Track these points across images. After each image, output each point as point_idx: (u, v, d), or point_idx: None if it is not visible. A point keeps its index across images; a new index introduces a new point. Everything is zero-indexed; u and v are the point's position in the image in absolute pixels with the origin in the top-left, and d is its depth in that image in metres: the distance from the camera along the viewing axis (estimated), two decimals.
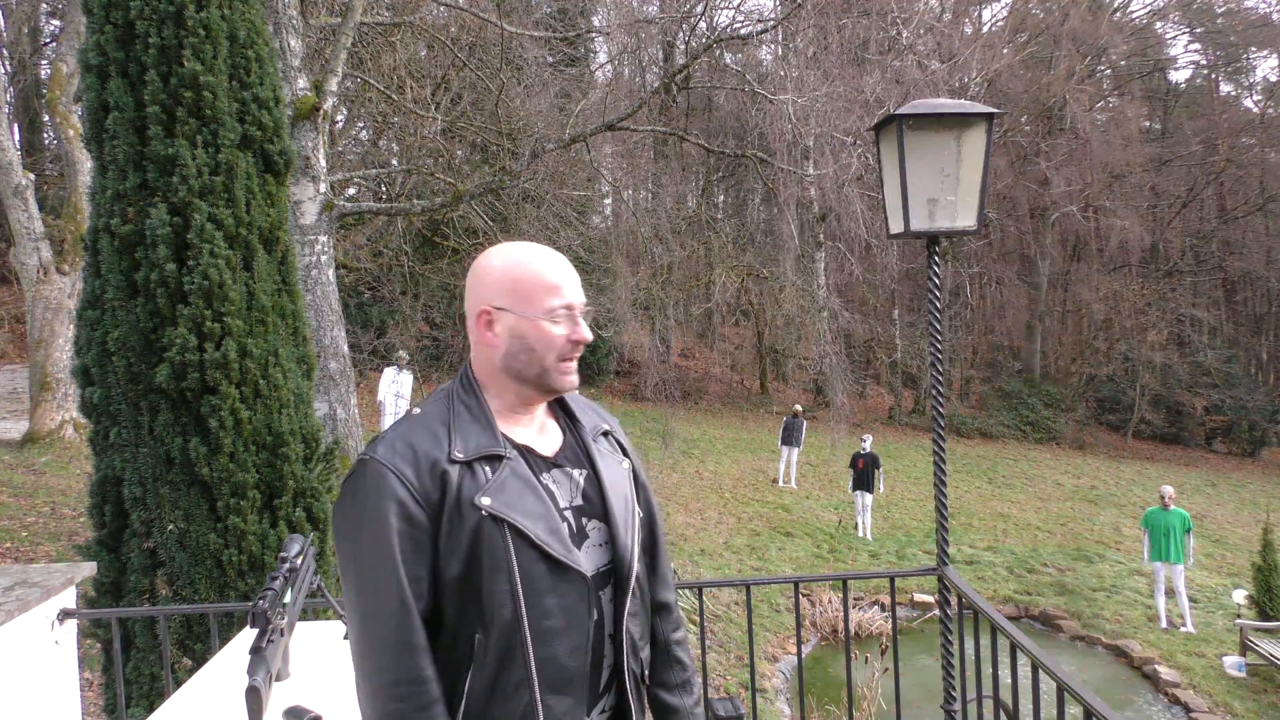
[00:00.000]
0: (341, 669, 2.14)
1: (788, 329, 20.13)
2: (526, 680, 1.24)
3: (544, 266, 1.35)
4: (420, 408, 1.34)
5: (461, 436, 1.29)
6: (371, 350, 14.70)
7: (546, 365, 1.35)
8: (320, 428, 4.03)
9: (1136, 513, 14.91)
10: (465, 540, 1.24)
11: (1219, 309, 30.51)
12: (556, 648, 1.27)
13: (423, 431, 1.29)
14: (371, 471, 1.24)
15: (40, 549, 6.97)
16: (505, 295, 1.33)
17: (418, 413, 1.33)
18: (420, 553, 1.23)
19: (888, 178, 3.03)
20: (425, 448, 1.26)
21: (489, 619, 1.24)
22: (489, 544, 1.24)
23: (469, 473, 1.27)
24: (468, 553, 1.24)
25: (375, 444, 1.28)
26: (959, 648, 2.99)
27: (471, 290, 1.37)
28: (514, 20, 11.07)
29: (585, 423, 1.48)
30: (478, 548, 1.24)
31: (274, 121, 3.83)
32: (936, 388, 3.11)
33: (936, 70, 17.43)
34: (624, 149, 16.26)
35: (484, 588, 1.24)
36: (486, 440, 1.31)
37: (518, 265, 1.34)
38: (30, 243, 9.77)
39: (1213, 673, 9.05)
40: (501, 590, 1.24)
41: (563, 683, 1.28)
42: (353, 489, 1.26)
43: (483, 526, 1.24)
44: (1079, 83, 25.84)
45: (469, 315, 1.38)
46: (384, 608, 1.21)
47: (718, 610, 9.51)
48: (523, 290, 1.33)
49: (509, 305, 1.33)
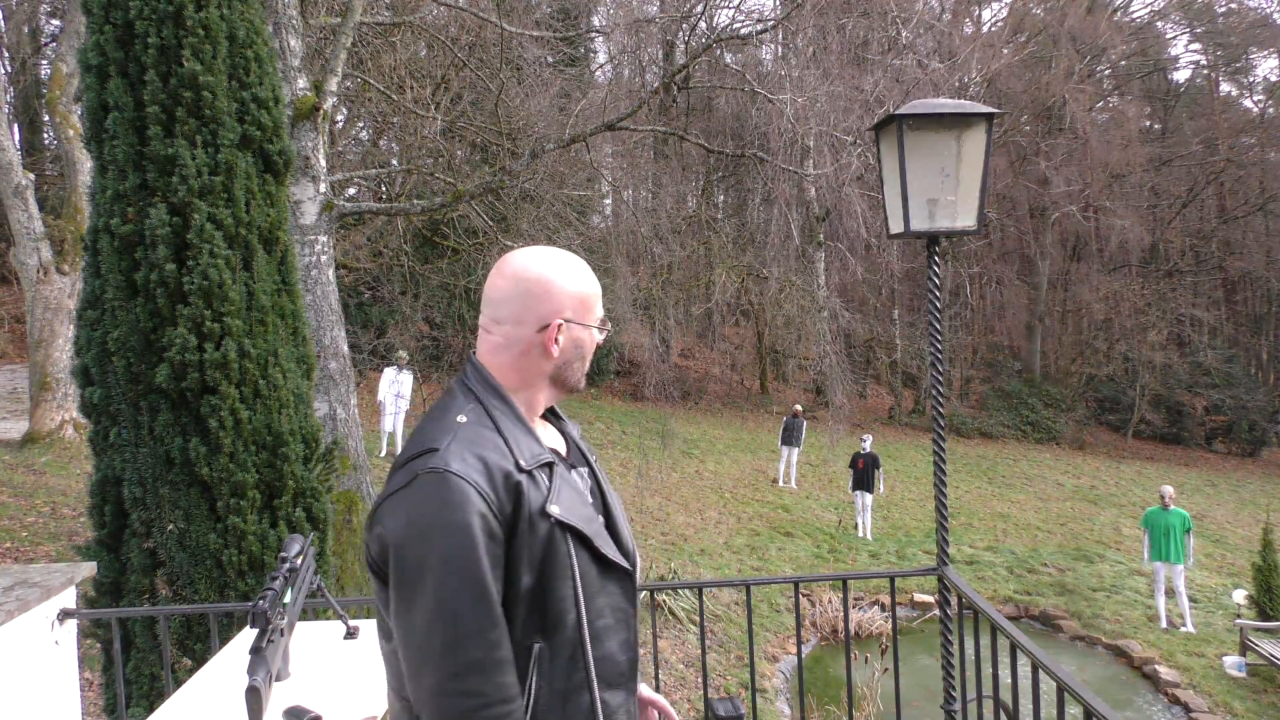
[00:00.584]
0: (341, 669, 2.14)
1: (788, 329, 20.12)
2: (586, 681, 1.26)
3: (592, 279, 1.41)
4: (466, 417, 1.28)
5: (518, 446, 1.27)
6: (371, 350, 14.70)
7: (586, 370, 1.43)
8: (320, 428, 4.03)
9: (1136, 513, 14.91)
10: (538, 551, 1.23)
11: (1219, 309, 30.50)
12: (610, 645, 1.30)
13: (485, 443, 1.25)
14: (452, 485, 1.17)
15: (40, 549, 6.97)
16: (573, 307, 1.36)
17: (465, 421, 1.27)
18: (498, 568, 1.20)
19: (888, 178, 3.03)
20: (495, 460, 1.23)
21: (552, 626, 1.24)
22: (557, 552, 1.24)
23: (533, 482, 1.25)
24: (540, 563, 1.23)
25: (441, 456, 1.20)
26: (959, 648, 2.99)
27: (532, 302, 1.34)
28: (514, 20, 11.06)
29: (569, 424, 1.51)
30: (549, 557, 1.23)
31: (274, 121, 3.83)
32: (936, 388, 3.11)
33: (936, 70, 17.42)
34: (624, 149, 16.27)
35: (550, 596, 1.23)
36: (538, 448, 1.30)
37: (579, 277, 1.38)
38: (30, 243, 9.77)
39: (1213, 673, 9.05)
40: (566, 597, 1.24)
41: (615, 677, 1.31)
42: (425, 503, 1.18)
43: (553, 535, 1.24)
44: (1079, 82, 25.84)
45: (522, 326, 1.34)
46: (475, 628, 1.16)
47: (718, 610, 9.51)
48: (586, 301, 1.38)
49: (574, 316, 1.36)
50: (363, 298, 16.48)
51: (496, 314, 1.36)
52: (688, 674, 7.99)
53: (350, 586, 5.65)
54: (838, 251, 21.45)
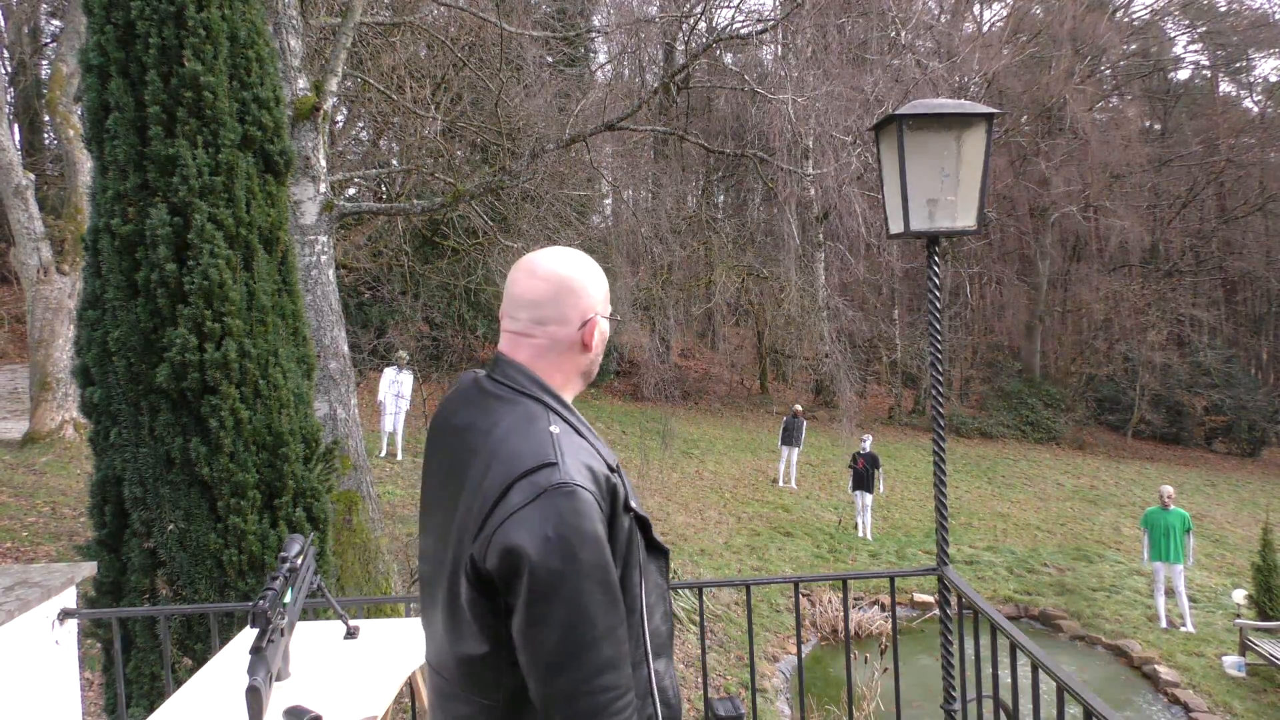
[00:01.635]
0: (341, 669, 2.14)
1: (788, 329, 20.14)
2: (644, 655, 1.35)
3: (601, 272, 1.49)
4: (555, 425, 1.32)
5: (599, 448, 1.36)
6: (371, 350, 14.69)
7: (601, 363, 1.51)
8: (320, 428, 4.03)
9: (1136, 513, 14.91)
10: (624, 544, 1.32)
11: (1219, 309, 30.50)
12: (656, 619, 1.40)
13: (584, 452, 1.31)
14: (582, 499, 1.23)
15: (40, 549, 6.97)
16: (603, 302, 1.46)
17: (557, 430, 1.31)
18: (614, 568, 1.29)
19: (888, 178, 3.03)
20: (597, 467, 1.30)
21: (628, 610, 1.33)
22: (633, 543, 1.34)
23: (621, 479, 1.34)
24: (625, 554, 1.32)
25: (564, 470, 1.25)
26: (959, 648, 2.99)
27: (573, 300, 1.40)
28: (514, 20, 11.06)
29: None
30: (629, 548, 1.33)
31: (274, 121, 3.83)
32: (936, 388, 3.11)
33: (936, 70, 17.42)
34: (624, 149, 16.26)
35: (627, 583, 1.33)
36: (607, 447, 1.39)
37: (600, 273, 1.47)
38: (30, 243, 9.77)
39: (1212, 673, 9.05)
40: (635, 582, 1.34)
41: (661, 647, 1.41)
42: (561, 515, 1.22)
43: (631, 528, 1.33)
44: (1079, 83, 25.84)
45: (565, 325, 1.40)
46: (606, 628, 1.23)
47: (718, 610, 9.51)
48: (608, 296, 1.48)
49: (603, 311, 1.46)
50: (363, 298, 16.48)
51: (539, 315, 1.39)
52: (688, 674, 7.99)
53: (350, 586, 5.65)
54: (838, 251, 21.45)
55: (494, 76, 10.38)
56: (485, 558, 1.23)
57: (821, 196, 19.03)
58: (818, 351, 19.10)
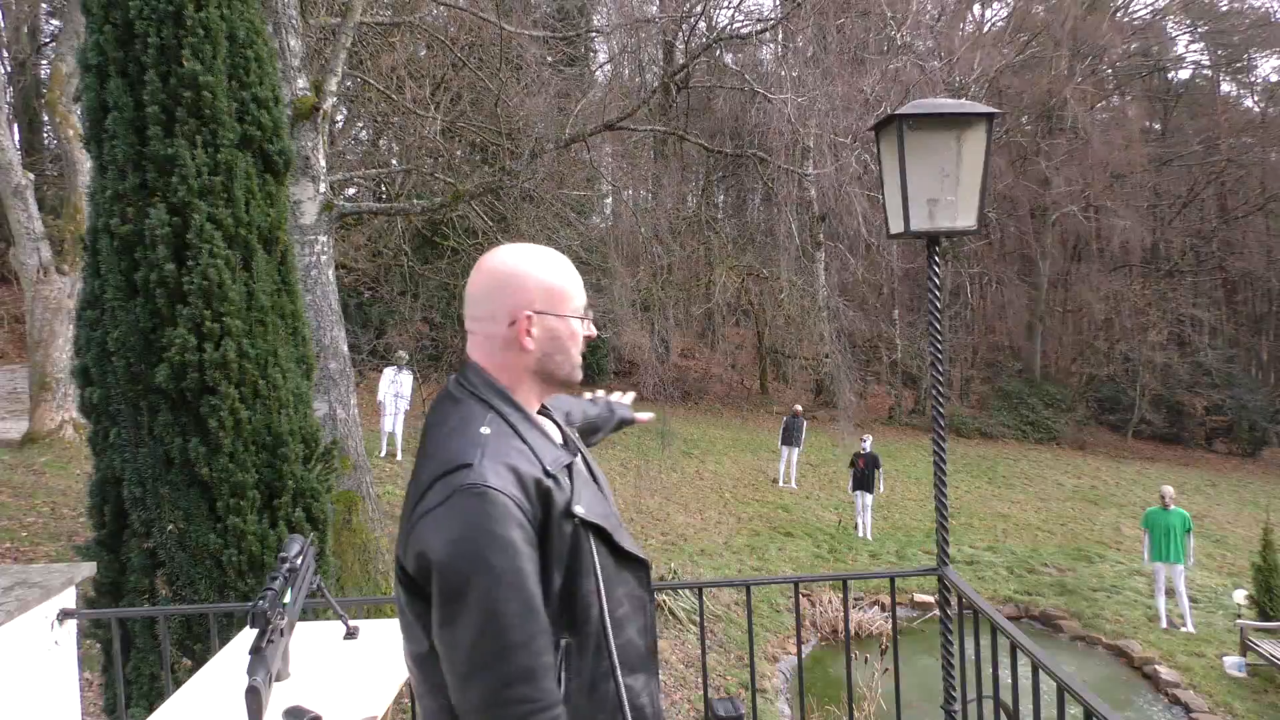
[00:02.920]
0: (341, 669, 2.13)
1: (788, 329, 20.13)
2: (610, 670, 1.30)
3: (567, 269, 1.41)
4: (487, 426, 1.29)
5: (538, 451, 1.29)
6: (371, 350, 14.70)
7: (575, 362, 1.41)
8: (320, 428, 4.03)
9: (1136, 513, 14.90)
10: (565, 551, 1.26)
11: (1219, 309, 30.50)
12: (629, 632, 1.34)
13: (513, 453, 1.26)
14: (494, 501, 1.19)
15: (40, 549, 6.97)
16: (542, 299, 1.37)
17: (487, 432, 1.28)
18: (536, 575, 1.22)
19: (888, 178, 3.02)
20: (525, 469, 1.25)
21: (579, 621, 1.28)
22: (581, 550, 1.28)
23: (557, 485, 1.27)
24: (567, 563, 1.26)
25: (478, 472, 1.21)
26: (959, 648, 2.98)
27: (501, 296, 1.35)
28: (513, 20, 11.05)
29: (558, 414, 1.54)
30: (575, 556, 1.27)
31: (273, 121, 3.83)
32: (936, 388, 3.11)
33: (936, 70, 17.42)
34: (624, 149, 16.25)
35: (576, 592, 1.27)
36: (554, 450, 1.33)
37: (548, 269, 1.38)
38: (30, 243, 9.77)
39: (1213, 673, 9.04)
40: (589, 591, 1.28)
41: (637, 661, 1.35)
42: (471, 519, 1.18)
43: (578, 534, 1.28)
44: (1079, 82, 25.84)
45: (495, 322, 1.36)
46: (521, 638, 1.18)
47: (718, 610, 9.51)
48: (557, 292, 1.38)
49: (546, 308, 1.37)
50: (362, 298, 16.48)
51: (474, 312, 1.38)
52: (688, 674, 7.99)
53: (350, 586, 5.65)
54: (838, 251, 21.44)
55: (494, 76, 10.38)
56: (406, 558, 1.24)
57: (821, 196, 19.01)
58: (818, 351, 19.10)
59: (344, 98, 13.66)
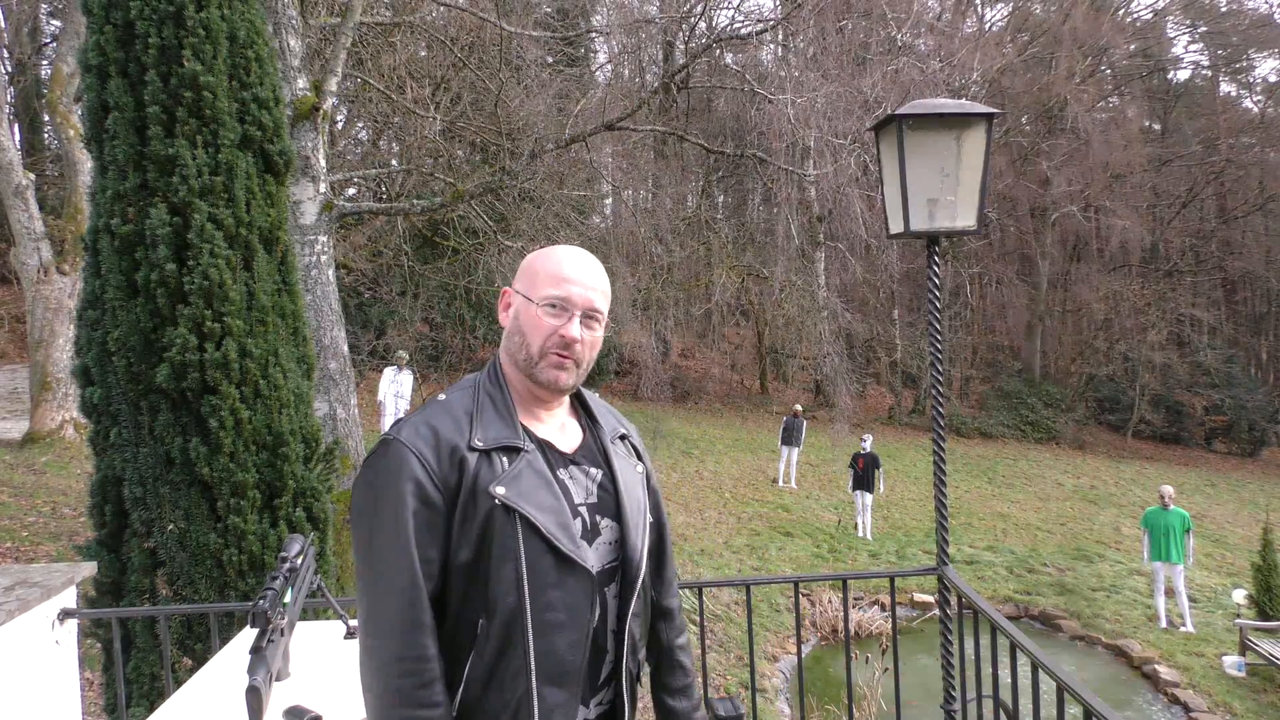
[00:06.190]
0: (341, 669, 2.14)
1: (788, 329, 20.12)
2: (525, 670, 1.27)
3: (563, 261, 1.40)
4: (448, 394, 1.37)
5: (483, 425, 1.33)
6: (371, 350, 14.70)
7: (532, 353, 1.37)
8: (320, 428, 4.03)
9: (1136, 513, 14.91)
10: (477, 527, 1.27)
11: (1219, 309, 30.49)
12: (556, 641, 1.29)
13: (446, 418, 1.33)
14: (393, 451, 1.27)
15: (40, 549, 6.97)
16: (520, 279, 1.42)
17: (443, 399, 1.36)
18: (433, 534, 1.27)
19: (888, 178, 3.02)
20: (447, 433, 1.30)
21: (493, 606, 1.27)
22: (500, 533, 1.27)
23: (486, 461, 1.30)
24: (478, 540, 1.27)
25: (400, 425, 1.32)
26: (959, 648, 2.99)
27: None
28: (513, 20, 11.06)
29: (604, 425, 1.51)
30: (488, 535, 1.27)
31: (274, 121, 3.83)
32: (936, 388, 3.11)
33: (936, 70, 17.41)
34: (624, 149, 16.25)
35: (491, 575, 1.27)
36: (506, 432, 1.34)
37: (542, 255, 1.42)
38: (30, 243, 9.77)
39: (1212, 672, 9.05)
40: (508, 579, 1.27)
41: (560, 675, 1.30)
42: (373, 467, 1.29)
43: (494, 515, 1.27)
44: (1080, 83, 25.83)
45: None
46: (395, 585, 1.24)
47: (718, 610, 9.51)
48: (530, 274, 1.41)
49: (520, 288, 1.41)
50: (362, 298, 16.48)
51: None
52: None
53: (350, 586, 5.65)
54: (838, 252, 21.43)
55: (494, 77, 10.37)
56: None
57: (821, 197, 19.01)
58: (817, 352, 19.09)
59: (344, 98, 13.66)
